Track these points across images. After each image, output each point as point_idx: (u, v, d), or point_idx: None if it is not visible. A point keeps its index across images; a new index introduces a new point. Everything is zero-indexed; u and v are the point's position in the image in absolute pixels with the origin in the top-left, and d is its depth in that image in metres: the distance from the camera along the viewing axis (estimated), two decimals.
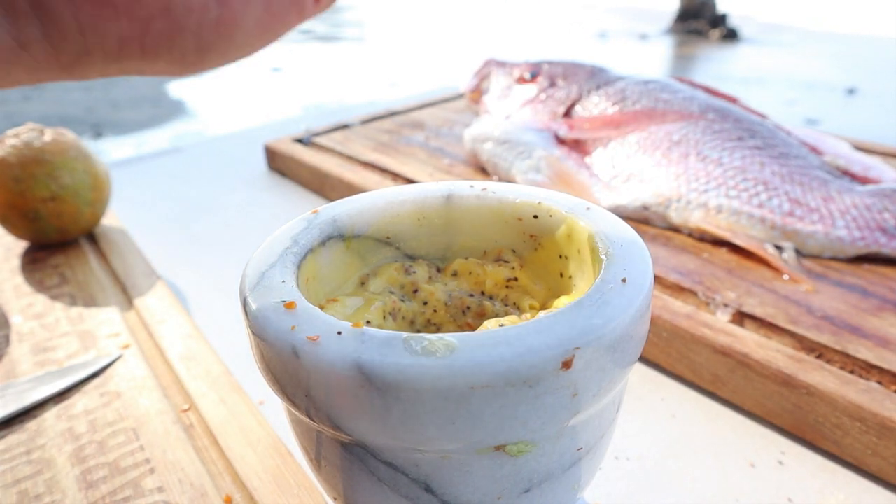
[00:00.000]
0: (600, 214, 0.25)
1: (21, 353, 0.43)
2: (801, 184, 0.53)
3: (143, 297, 0.49)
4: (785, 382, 0.36)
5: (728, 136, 0.58)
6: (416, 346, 0.18)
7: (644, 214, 0.56)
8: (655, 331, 0.42)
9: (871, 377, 0.36)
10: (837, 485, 0.34)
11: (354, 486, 0.22)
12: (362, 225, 0.27)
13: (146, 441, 0.35)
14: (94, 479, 0.33)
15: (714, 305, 0.43)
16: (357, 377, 0.18)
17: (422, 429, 0.18)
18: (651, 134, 0.60)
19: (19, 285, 0.52)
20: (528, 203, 0.27)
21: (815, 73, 2.19)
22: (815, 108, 1.70)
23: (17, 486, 0.33)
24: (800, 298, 0.44)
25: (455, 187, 0.29)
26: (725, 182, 0.54)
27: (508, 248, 0.28)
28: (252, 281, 0.22)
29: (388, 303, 0.26)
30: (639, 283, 0.21)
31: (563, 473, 0.22)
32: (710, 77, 2.20)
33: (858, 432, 0.34)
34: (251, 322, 0.21)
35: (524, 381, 0.18)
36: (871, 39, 2.81)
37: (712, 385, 0.40)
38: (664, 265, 0.48)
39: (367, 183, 0.65)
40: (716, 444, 0.36)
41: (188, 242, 0.63)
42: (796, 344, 0.39)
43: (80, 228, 0.57)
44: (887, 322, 0.41)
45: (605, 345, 0.19)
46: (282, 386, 0.20)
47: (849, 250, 0.49)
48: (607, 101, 0.65)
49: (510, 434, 0.19)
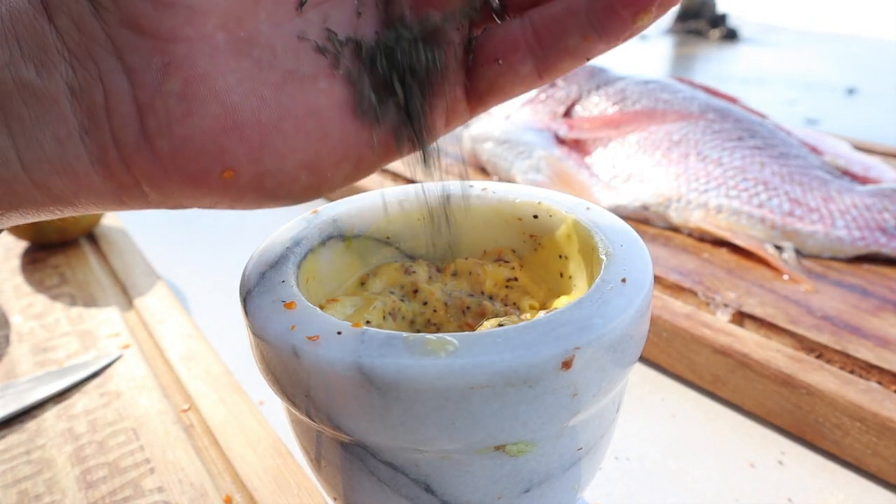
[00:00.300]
0: (600, 214, 0.25)
1: (21, 353, 0.43)
2: (801, 184, 0.53)
3: (143, 297, 0.49)
4: (785, 382, 0.36)
5: (728, 136, 0.58)
6: (416, 346, 0.18)
7: (644, 214, 0.56)
8: (655, 331, 0.42)
9: (871, 377, 0.36)
10: (837, 485, 0.34)
11: (354, 486, 0.22)
12: (362, 225, 0.27)
13: (146, 441, 0.35)
14: (93, 479, 0.33)
15: (714, 305, 0.43)
16: (357, 377, 0.18)
17: (422, 429, 0.18)
18: (651, 134, 0.60)
19: (19, 285, 0.52)
20: (528, 203, 0.27)
21: (815, 73, 2.19)
22: (815, 108, 1.70)
23: (17, 486, 0.33)
24: (800, 298, 0.44)
25: (455, 187, 0.29)
26: (725, 182, 0.54)
27: (508, 248, 0.28)
28: (252, 281, 0.22)
29: (388, 303, 0.26)
30: (639, 283, 0.21)
31: (563, 473, 0.22)
32: (709, 77, 2.20)
33: (858, 432, 0.34)
34: (251, 322, 0.21)
35: (524, 381, 0.18)
36: (871, 39, 2.81)
37: (712, 385, 0.40)
38: (664, 265, 0.48)
39: (367, 183, 0.65)
40: (716, 444, 0.36)
41: (188, 242, 0.63)
42: (796, 344, 0.39)
43: (80, 228, 0.57)
44: (887, 322, 0.41)
45: (605, 345, 0.19)
46: (282, 386, 0.20)
47: (849, 250, 0.49)
48: (607, 101, 0.65)
49: (510, 434, 0.19)
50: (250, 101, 0.18)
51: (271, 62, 0.19)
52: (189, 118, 0.18)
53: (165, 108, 0.18)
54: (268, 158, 0.19)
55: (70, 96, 0.17)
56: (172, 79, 0.17)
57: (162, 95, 0.17)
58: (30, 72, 0.17)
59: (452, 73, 0.21)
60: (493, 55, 0.20)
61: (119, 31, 0.17)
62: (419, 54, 0.20)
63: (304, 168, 0.20)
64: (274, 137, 0.19)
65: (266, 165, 0.19)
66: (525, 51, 0.20)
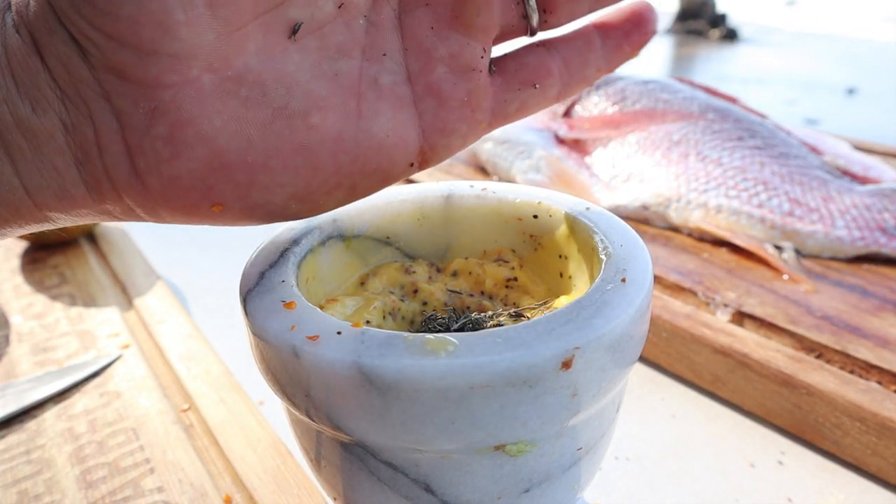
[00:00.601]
0: (600, 214, 0.25)
1: (21, 353, 0.43)
2: (801, 184, 0.53)
3: (142, 297, 0.48)
4: (785, 382, 0.36)
5: (728, 136, 0.58)
6: (416, 346, 0.18)
7: (644, 214, 0.56)
8: (655, 331, 0.42)
9: (870, 377, 0.36)
10: (837, 485, 0.34)
11: (354, 486, 0.22)
12: (362, 225, 0.27)
13: (146, 441, 0.35)
14: (93, 478, 0.33)
15: (714, 305, 0.43)
16: (357, 377, 0.18)
17: (422, 429, 0.18)
18: (651, 134, 0.60)
19: (19, 285, 0.52)
20: (528, 203, 0.27)
21: (814, 73, 2.19)
22: (815, 108, 1.70)
23: (17, 485, 0.33)
24: (800, 298, 0.44)
25: (455, 187, 0.29)
26: (725, 182, 0.54)
27: (508, 247, 0.28)
28: (252, 281, 0.22)
29: (388, 303, 0.26)
30: (639, 283, 0.21)
31: (563, 473, 0.22)
32: (709, 77, 2.20)
33: (858, 432, 0.34)
34: (251, 322, 0.21)
35: (524, 381, 0.18)
36: (871, 39, 2.81)
37: (712, 385, 0.40)
38: (664, 265, 0.48)
39: None
40: (716, 444, 0.36)
41: (188, 242, 0.63)
42: (796, 344, 0.39)
43: (79, 228, 0.57)
44: (887, 322, 0.41)
45: (605, 345, 0.19)
46: (282, 386, 0.20)
47: (848, 250, 0.49)
48: (607, 101, 0.65)
49: (510, 434, 0.19)
50: (237, 142, 0.18)
51: (260, 100, 0.19)
52: (176, 160, 0.18)
53: (153, 149, 0.18)
54: (256, 194, 0.19)
55: (64, 131, 0.18)
56: (159, 123, 0.18)
57: (150, 138, 0.18)
58: (26, 108, 0.17)
59: (477, 99, 0.21)
60: (531, 80, 0.22)
61: (106, 77, 0.17)
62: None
63: (293, 199, 0.20)
64: (261, 175, 0.19)
65: (254, 199, 0.20)
66: (556, 77, 0.22)
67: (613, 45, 0.22)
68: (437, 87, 0.21)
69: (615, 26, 0.22)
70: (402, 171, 0.21)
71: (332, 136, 0.20)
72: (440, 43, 0.21)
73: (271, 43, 0.19)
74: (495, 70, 0.22)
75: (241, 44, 0.18)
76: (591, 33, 0.22)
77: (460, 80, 0.21)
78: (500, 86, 0.22)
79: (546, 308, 0.25)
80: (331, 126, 0.20)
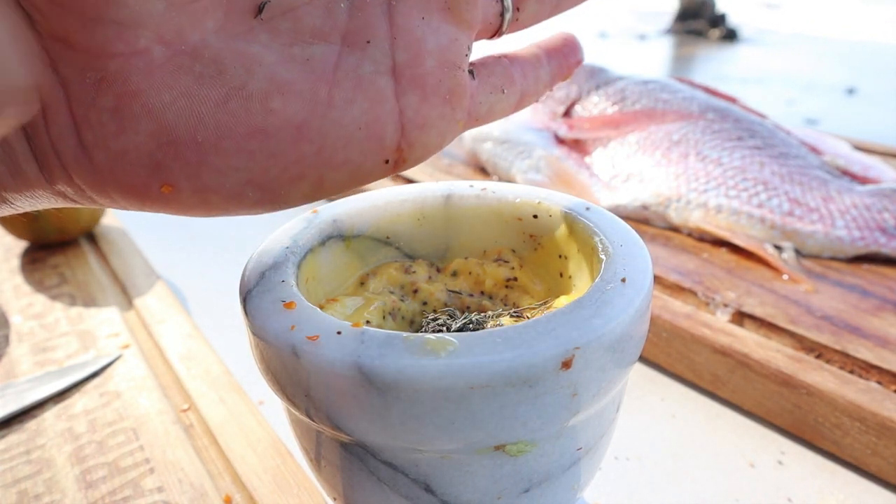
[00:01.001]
0: (600, 214, 0.25)
1: (21, 352, 0.43)
2: (801, 184, 0.53)
3: (142, 297, 0.49)
4: (785, 382, 0.36)
5: (728, 136, 0.58)
6: (416, 346, 0.18)
7: (644, 214, 0.56)
8: (655, 331, 0.42)
9: (870, 377, 0.36)
10: (837, 485, 0.34)
11: (354, 486, 0.22)
12: (362, 225, 0.27)
13: (146, 441, 0.35)
14: (93, 478, 0.33)
15: (714, 305, 0.43)
16: (357, 377, 0.18)
17: (422, 429, 0.18)
18: (651, 134, 0.60)
19: (19, 285, 0.52)
20: (528, 203, 0.27)
21: (814, 73, 2.19)
22: (814, 108, 1.70)
23: (17, 485, 0.33)
24: (799, 298, 0.44)
25: (455, 187, 0.29)
26: (725, 182, 0.54)
27: (508, 247, 0.28)
28: (252, 281, 0.22)
29: (388, 302, 0.26)
30: (639, 283, 0.21)
31: (562, 473, 0.22)
32: (709, 77, 2.20)
33: (858, 432, 0.34)
34: (251, 322, 0.21)
35: (524, 381, 0.18)
36: (871, 40, 2.81)
37: (712, 385, 0.40)
38: (664, 265, 0.48)
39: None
40: (716, 444, 0.36)
41: (188, 242, 0.63)
42: (796, 344, 0.39)
43: (79, 228, 0.57)
44: (887, 322, 0.41)
45: (604, 345, 0.19)
46: (282, 386, 0.20)
47: (848, 250, 0.49)
48: (607, 101, 0.65)
49: (510, 434, 0.19)
50: (186, 119, 0.18)
51: (215, 78, 0.18)
52: (123, 134, 0.18)
53: (100, 122, 0.17)
54: (207, 175, 0.19)
55: None
56: (105, 94, 0.17)
57: (96, 109, 0.17)
58: None
59: (458, 97, 0.21)
60: (500, 85, 0.23)
61: (52, 44, 0.17)
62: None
63: (250, 185, 0.19)
64: (212, 156, 0.18)
65: (206, 182, 0.19)
66: (518, 86, 0.24)
67: (556, 65, 0.25)
68: (423, 81, 0.20)
69: (556, 49, 0.25)
70: (375, 167, 0.21)
71: (294, 123, 0.19)
72: (431, 34, 0.20)
73: (234, 21, 0.18)
74: (471, 71, 0.22)
75: (197, 18, 0.18)
76: (539, 53, 0.25)
77: (445, 76, 0.21)
78: (476, 87, 0.22)
79: (546, 308, 0.25)
80: (293, 112, 0.19)
